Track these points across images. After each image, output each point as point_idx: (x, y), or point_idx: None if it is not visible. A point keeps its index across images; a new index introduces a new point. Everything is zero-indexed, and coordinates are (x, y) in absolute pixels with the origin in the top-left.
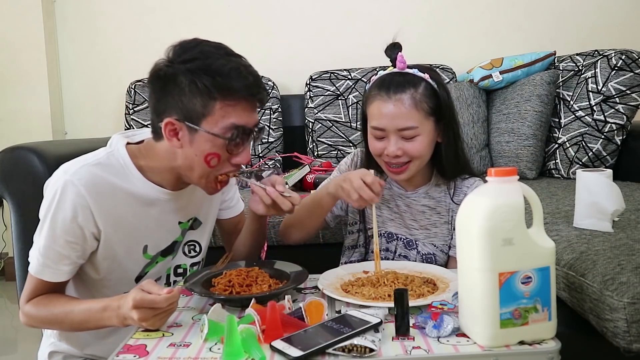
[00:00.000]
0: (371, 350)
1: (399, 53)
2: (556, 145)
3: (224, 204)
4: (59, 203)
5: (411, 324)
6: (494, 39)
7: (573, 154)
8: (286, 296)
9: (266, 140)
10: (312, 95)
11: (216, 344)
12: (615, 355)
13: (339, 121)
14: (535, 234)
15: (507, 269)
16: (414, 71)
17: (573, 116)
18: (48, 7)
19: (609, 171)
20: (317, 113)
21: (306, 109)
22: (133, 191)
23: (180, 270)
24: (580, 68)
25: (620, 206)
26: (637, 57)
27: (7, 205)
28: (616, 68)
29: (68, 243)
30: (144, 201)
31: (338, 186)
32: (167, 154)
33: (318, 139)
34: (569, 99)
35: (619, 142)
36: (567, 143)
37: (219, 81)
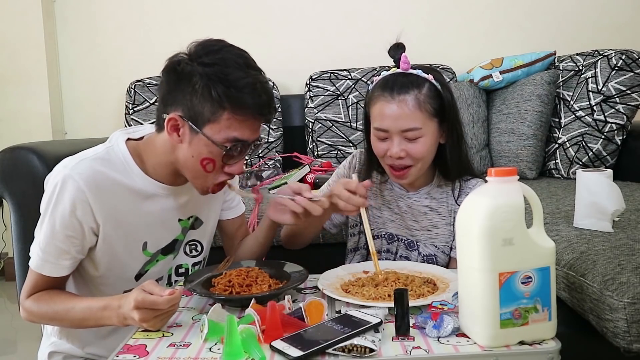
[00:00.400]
0: (371, 350)
1: (403, 53)
2: (556, 145)
3: (225, 204)
4: (59, 197)
5: (411, 324)
6: (494, 39)
7: (573, 154)
8: (286, 296)
9: (266, 140)
10: (312, 95)
11: (216, 344)
12: (615, 355)
13: (339, 121)
14: (535, 234)
15: (507, 269)
16: (418, 72)
17: (573, 116)
18: (48, 7)
19: (609, 171)
20: (317, 113)
21: (306, 109)
22: (132, 186)
23: (181, 270)
24: (580, 68)
25: (620, 206)
26: (637, 57)
27: (7, 205)
28: (616, 68)
29: (67, 237)
30: (143, 196)
31: (344, 212)
32: (166, 147)
33: (318, 139)
34: (569, 99)
35: (619, 142)
36: (567, 143)
37: (232, 93)
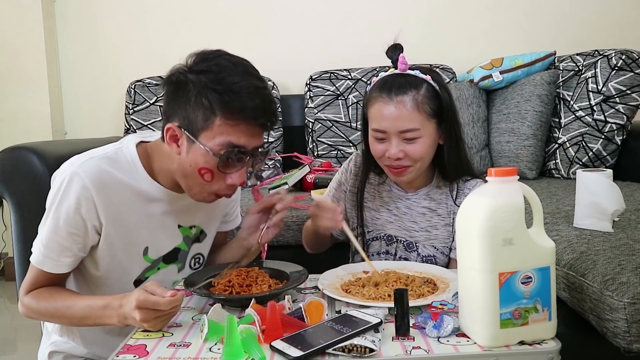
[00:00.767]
0: (371, 350)
1: (401, 54)
2: (556, 145)
3: (225, 217)
4: (64, 194)
5: (411, 324)
6: (494, 39)
7: (573, 154)
8: (286, 296)
9: (266, 140)
10: (312, 95)
11: (216, 344)
12: (615, 355)
13: (339, 121)
14: (535, 234)
15: (507, 269)
16: (416, 73)
17: (573, 116)
18: (48, 7)
19: (609, 171)
20: (317, 113)
21: (306, 109)
22: (137, 188)
23: None
24: (580, 68)
25: (620, 206)
26: (637, 57)
27: (7, 205)
28: (616, 68)
29: (70, 234)
30: (146, 199)
31: (321, 227)
32: (168, 156)
33: (318, 139)
34: (569, 99)
35: (619, 142)
36: (567, 143)
37: (224, 98)
